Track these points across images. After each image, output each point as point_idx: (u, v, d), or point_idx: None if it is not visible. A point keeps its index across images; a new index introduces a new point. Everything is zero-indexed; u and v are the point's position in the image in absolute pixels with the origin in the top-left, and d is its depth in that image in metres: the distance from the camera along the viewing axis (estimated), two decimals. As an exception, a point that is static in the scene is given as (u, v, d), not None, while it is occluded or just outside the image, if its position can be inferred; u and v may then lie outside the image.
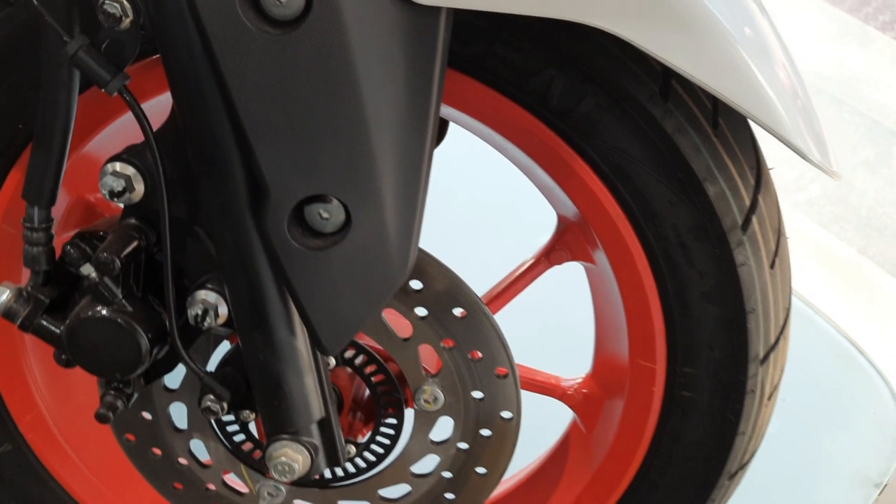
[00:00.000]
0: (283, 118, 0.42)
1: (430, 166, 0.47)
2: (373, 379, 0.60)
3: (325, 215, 0.46)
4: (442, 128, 0.72)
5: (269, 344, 0.51)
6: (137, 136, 0.48)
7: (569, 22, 0.44)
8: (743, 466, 0.65)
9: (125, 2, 0.42)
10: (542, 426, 0.73)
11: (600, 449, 0.67)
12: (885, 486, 1.00)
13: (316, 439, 0.55)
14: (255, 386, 0.53)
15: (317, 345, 0.51)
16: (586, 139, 0.53)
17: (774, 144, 0.58)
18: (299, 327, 0.51)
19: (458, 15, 0.44)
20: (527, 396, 0.71)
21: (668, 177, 0.52)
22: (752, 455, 0.65)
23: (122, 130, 0.55)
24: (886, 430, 1.04)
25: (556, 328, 0.84)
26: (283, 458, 0.53)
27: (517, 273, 0.65)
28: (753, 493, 0.98)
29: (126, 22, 0.42)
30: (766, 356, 0.59)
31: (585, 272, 0.64)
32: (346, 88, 0.42)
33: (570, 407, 0.69)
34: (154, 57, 0.51)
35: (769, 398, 0.62)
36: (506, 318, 0.64)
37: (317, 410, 0.54)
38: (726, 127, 0.53)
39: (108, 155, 0.53)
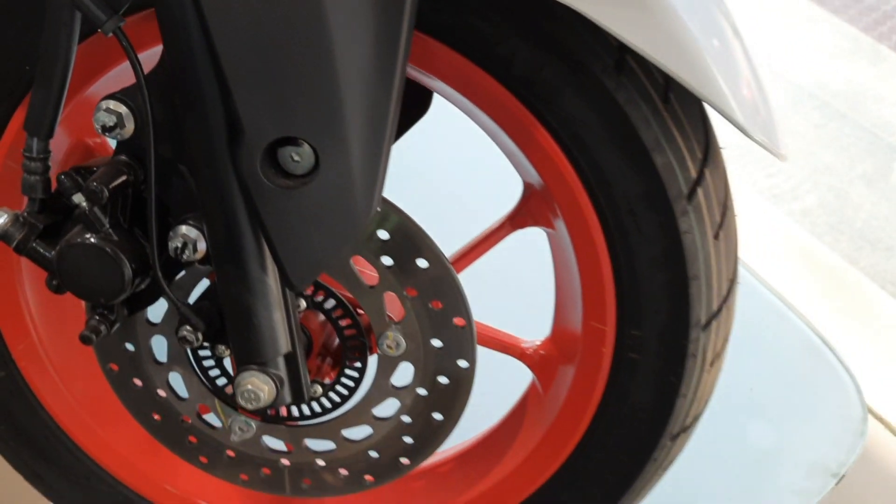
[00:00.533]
0: (260, 63, 0.47)
1: (396, 120, 0.51)
2: (340, 323, 0.64)
3: (296, 158, 0.50)
4: (426, 100, 0.77)
5: (241, 278, 0.55)
6: (133, 82, 0.53)
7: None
8: (685, 429, 0.68)
9: None
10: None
11: (554, 407, 0.71)
12: (843, 476, 1.03)
13: (282, 372, 0.59)
14: (227, 317, 0.57)
15: (285, 281, 0.55)
16: (546, 107, 0.57)
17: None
18: (270, 264, 0.55)
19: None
20: (494, 362, 0.76)
21: (619, 147, 0.56)
22: (696, 419, 0.69)
23: (119, 78, 0.60)
24: (849, 424, 1.07)
25: (521, 293, 0.88)
26: (250, 387, 0.58)
27: (482, 236, 0.69)
28: (717, 475, 1.03)
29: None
30: (709, 323, 0.62)
31: (547, 238, 0.68)
32: (319, 38, 0.46)
33: (529, 367, 0.73)
34: (151, 9, 0.55)
35: (711, 365, 0.65)
36: (473, 281, 0.68)
37: (284, 344, 0.58)
38: (677, 103, 0.57)
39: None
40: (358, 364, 0.65)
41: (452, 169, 1.16)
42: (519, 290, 0.91)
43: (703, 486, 1.01)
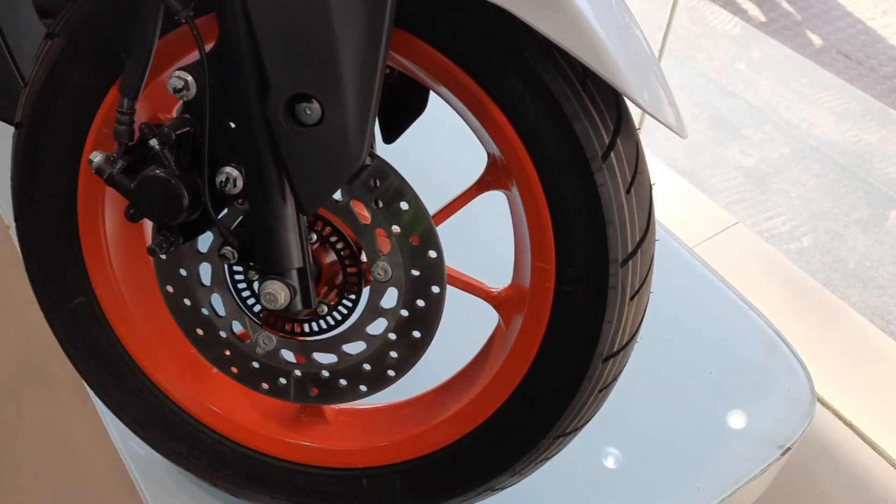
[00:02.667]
0: (284, 40, 0.67)
1: (381, 91, 0.71)
2: (343, 252, 0.84)
3: (308, 112, 0.70)
4: (422, 99, 0.97)
5: (266, 204, 0.75)
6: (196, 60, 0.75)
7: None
8: (614, 355, 0.84)
9: None
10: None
11: (512, 337, 0.88)
12: (789, 448, 1.17)
13: (295, 282, 0.79)
14: (255, 236, 0.77)
15: (298, 206, 0.75)
16: (497, 89, 0.75)
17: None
18: (288, 195, 0.75)
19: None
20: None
21: (549, 118, 0.74)
22: (622, 348, 0.85)
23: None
24: (797, 405, 1.21)
25: (489, 248, 1.07)
26: (271, 290, 0.77)
27: (455, 197, 0.88)
28: (675, 440, 1.17)
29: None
30: (626, 261, 0.79)
31: (506, 199, 0.87)
32: (325, 25, 0.67)
33: (494, 307, 0.91)
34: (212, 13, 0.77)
35: (631, 299, 0.81)
36: (449, 237, 0.87)
37: (296, 260, 0.78)
38: (593, 86, 0.75)
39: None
40: (355, 287, 0.84)
41: (434, 144, 1.36)
42: (487, 245, 1.09)
43: (663, 451, 1.15)
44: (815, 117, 2.79)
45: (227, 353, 0.90)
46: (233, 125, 0.75)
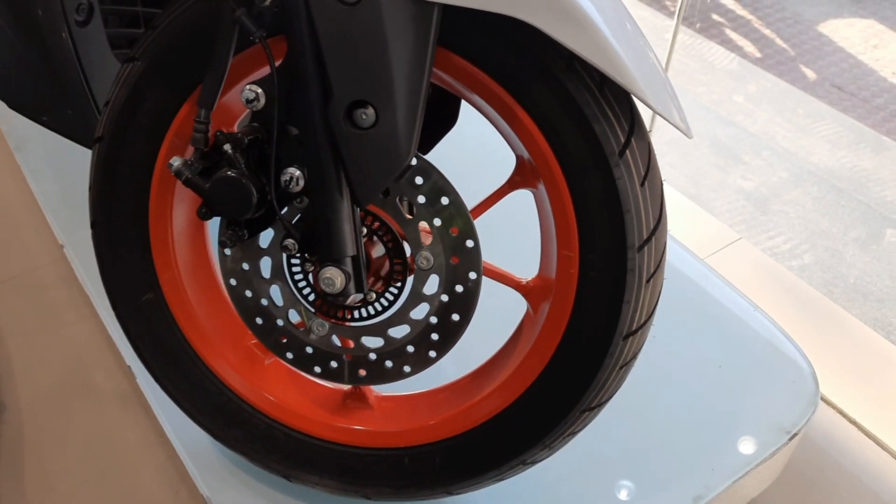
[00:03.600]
0: (346, 57, 0.79)
1: (426, 102, 0.82)
2: (390, 245, 0.94)
3: (364, 117, 0.81)
4: (454, 113, 1.08)
5: (325, 198, 0.86)
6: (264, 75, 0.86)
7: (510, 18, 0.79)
8: (633, 333, 0.93)
9: None
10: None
11: (541, 321, 0.97)
12: (795, 434, 1.25)
13: (349, 268, 0.89)
14: (315, 228, 0.87)
15: (353, 199, 0.86)
16: (525, 97, 0.86)
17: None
18: (344, 190, 0.86)
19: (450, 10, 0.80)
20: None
21: (571, 121, 0.85)
22: (641, 326, 0.94)
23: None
24: (802, 396, 1.30)
25: (518, 244, 1.17)
26: (329, 275, 0.87)
27: (487, 196, 0.99)
28: (690, 427, 1.25)
29: (268, 2, 0.80)
30: (642, 247, 0.89)
31: (533, 197, 0.97)
32: (381, 46, 0.78)
33: (524, 295, 1.00)
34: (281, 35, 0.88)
35: (647, 281, 0.91)
36: (482, 233, 0.97)
37: (351, 248, 0.88)
38: (609, 93, 0.86)
39: (240, 105, 0.91)
40: (400, 276, 0.95)
41: (465, 151, 1.47)
42: (514, 240, 1.19)
43: (679, 437, 1.24)
44: (811, 145, 2.91)
45: (284, 339, 1.00)
46: (296, 130, 0.86)
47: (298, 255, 0.92)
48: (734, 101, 3.20)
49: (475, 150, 1.52)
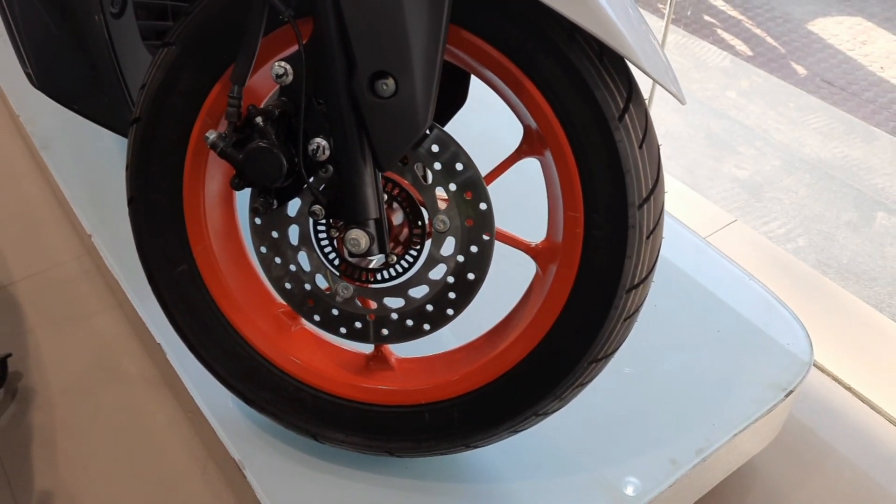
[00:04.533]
0: (369, 29, 0.86)
1: (441, 75, 0.90)
2: (408, 210, 1.01)
3: (385, 87, 0.89)
4: (464, 89, 1.16)
5: (350, 163, 0.93)
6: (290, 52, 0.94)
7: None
8: (636, 286, 1.00)
9: None
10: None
11: (549, 280, 1.04)
12: (791, 391, 1.32)
13: (372, 230, 0.96)
14: (341, 191, 0.95)
15: (376, 163, 0.93)
16: (531, 68, 0.93)
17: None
18: (367, 156, 0.93)
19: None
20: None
21: (574, 89, 0.93)
22: (642, 280, 1.01)
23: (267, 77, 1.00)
24: (797, 356, 1.37)
25: (530, 211, 1.24)
26: (354, 236, 0.95)
27: (497, 164, 1.06)
28: (691, 386, 1.32)
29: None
30: (641, 205, 0.96)
31: (540, 164, 1.05)
32: (399, 22, 0.86)
33: (532, 257, 1.08)
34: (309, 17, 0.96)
35: (647, 238, 0.98)
36: (494, 200, 1.04)
37: (374, 211, 0.95)
38: (609, 61, 0.93)
39: (265, 85, 0.99)
40: (419, 239, 1.02)
41: (480, 122, 1.56)
42: (525, 206, 1.27)
43: (682, 395, 1.31)
44: (803, 136, 2.99)
45: (312, 303, 1.07)
46: (322, 103, 0.93)
47: (325, 220, 0.99)
48: (727, 96, 3.29)
49: (487, 123, 1.59)
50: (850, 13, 4.12)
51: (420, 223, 1.02)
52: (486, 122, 1.57)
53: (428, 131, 0.96)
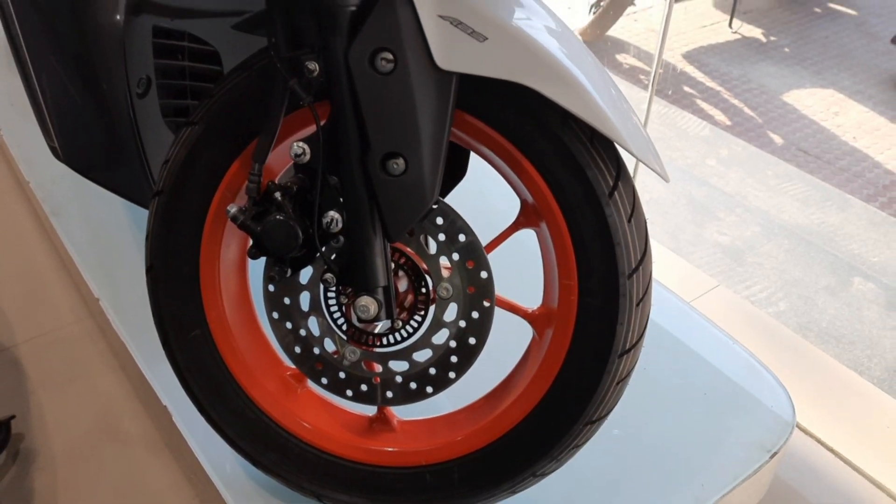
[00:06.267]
0: (383, 118, 0.94)
1: (447, 155, 0.98)
2: (414, 277, 1.08)
3: (396, 166, 0.96)
4: (464, 163, 1.24)
5: (361, 235, 1.00)
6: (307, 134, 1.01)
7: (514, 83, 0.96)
8: (627, 351, 1.07)
9: (315, 62, 0.96)
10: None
11: (546, 344, 1.10)
12: (776, 452, 1.38)
13: (381, 297, 1.02)
14: (352, 260, 1.01)
15: (385, 235, 1.00)
16: (528, 149, 1.02)
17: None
18: (377, 227, 1.00)
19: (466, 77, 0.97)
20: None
21: (567, 167, 1.00)
22: (633, 346, 1.07)
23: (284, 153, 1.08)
24: (780, 419, 1.43)
25: (526, 279, 1.31)
26: (363, 303, 1.01)
27: (496, 236, 1.13)
28: (679, 446, 1.38)
29: (316, 73, 0.96)
30: (631, 275, 1.03)
31: (536, 235, 1.12)
32: (410, 109, 0.94)
33: (529, 322, 1.14)
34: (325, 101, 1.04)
35: (637, 305, 1.05)
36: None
37: (382, 279, 1.02)
38: (599, 143, 1.02)
39: (279, 162, 1.07)
40: (423, 304, 1.08)
41: (480, 194, 1.63)
42: (521, 274, 1.34)
43: (671, 457, 1.36)
44: (781, 203, 3.11)
45: (320, 366, 1.13)
46: (335, 180, 1.00)
47: (335, 287, 1.05)
48: (707, 164, 3.42)
49: (485, 196, 1.67)
50: (823, 85, 4.31)
51: (424, 290, 1.08)
52: (486, 193, 1.65)
53: (433, 205, 1.03)
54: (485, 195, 1.67)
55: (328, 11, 0.92)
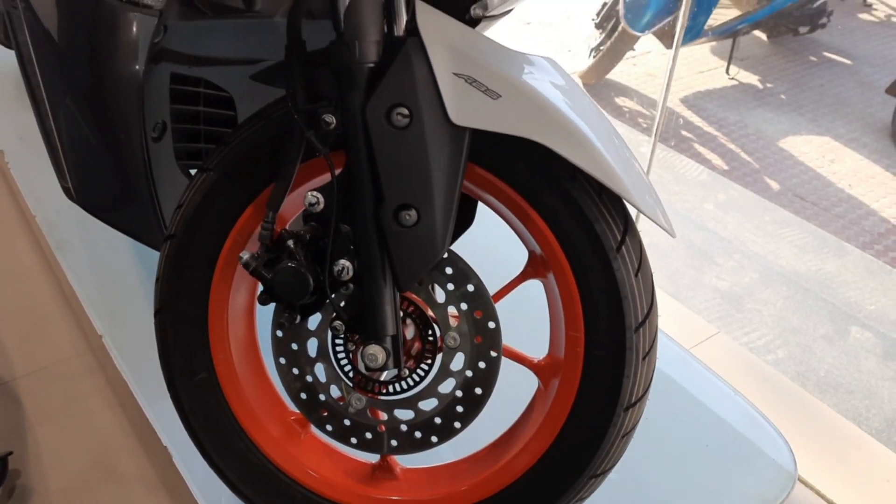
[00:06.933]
0: (396, 165, 0.96)
1: (458, 205, 0.99)
2: (422, 326, 1.09)
3: (408, 217, 0.98)
4: (472, 212, 1.25)
5: (373, 285, 1.01)
6: (320, 185, 1.03)
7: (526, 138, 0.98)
8: (633, 405, 1.07)
9: (332, 115, 0.97)
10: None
11: (551, 396, 1.11)
12: (777, 506, 1.38)
13: (389, 346, 1.03)
14: (362, 309, 1.02)
15: (396, 284, 1.01)
16: (538, 201, 1.03)
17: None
18: (388, 277, 1.01)
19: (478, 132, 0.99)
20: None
21: (576, 221, 1.02)
22: (639, 399, 1.08)
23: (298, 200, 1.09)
24: (782, 470, 1.43)
25: (532, 329, 1.31)
26: (372, 352, 1.02)
27: (503, 286, 1.14)
28: (678, 498, 1.37)
29: (332, 125, 0.98)
30: (638, 328, 1.04)
31: (543, 286, 1.13)
32: (424, 163, 0.95)
33: (535, 373, 1.15)
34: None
35: (643, 359, 1.06)
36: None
37: (391, 328, 1.03)
38: (607, 199, 1.03)
39: (295, 207, 1.08)
40: (430, 353, 1.09)
41: (488, 244, 1.65)
42: (526, 324, 1.34)
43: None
44: (778, 249, 3.13)
45: (325, 413, 1.13)
46: (347, 228, 1.02)
47: (344, 335, 1.06)
48: (705, 208, 3.45)
49: (493, 245, 1.68)
50: (819, 132, 4.37)
51: (432, 338, 1.09)
52: (494, 242, 1.67)
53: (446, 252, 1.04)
54: (492, 244, 1.68)
55: (347, 68, 0.94)
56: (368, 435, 1.12)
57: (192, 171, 1.34)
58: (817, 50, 5.42)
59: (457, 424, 1.10)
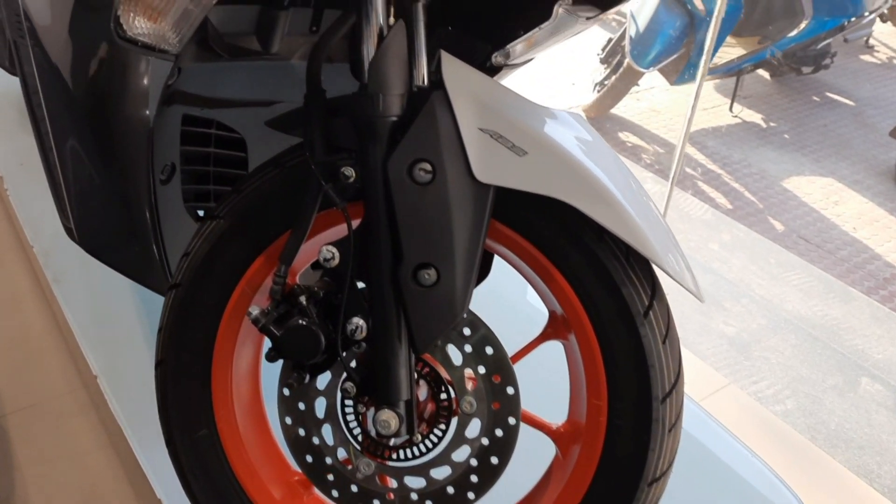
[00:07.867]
0: (416, 228, 0.91)
1: (479, 265, 0.95)
2: (436, 389, 1.03)
3: (427, 277, 0.93)
4: (488, 265, 1.21)
5: (387, 345, 0.96)
6: (336, 239, 0.98)
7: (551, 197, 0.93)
8: (657, 480, 1.02)
9: (352, 168, 0.93)
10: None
11: (570, 466, 1.06)
12: (797, 576, 1.32)
13: (403, 412, 0.98)
14: (375, 371, 0.97)
15: (412, 346, 0.96)
16: (562, 262, 0.99)
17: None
18: (404, 338, 0.96)
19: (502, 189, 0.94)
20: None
21: (602, 284, 0.98)
22: (663, 473, 1.03)
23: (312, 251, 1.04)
24: (800, 539, 1.38)
25: (551, 392, 1.26)
26: (385, 418, 0.96)
27: (522, 347, 1.09)
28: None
29: (352, 178, 0.93)
30: (665, 399, 0.99)
31: (563, 347, 1.08)
32: (446, 220, 0.91)
33: (553, 440, 1.09)
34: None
35: (669, 431, 1.01)
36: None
37: (406, 393, 0.98)
38: (635, 262, 0.99)
39: (307, 257, 1.03)
40: (445, 418, 1.03)
41: (506, 301, 1.60)
42: (545, 385, 1.29)
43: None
44: (784, 293, 3.09)
45: (331, 477, 1.07)
46: (362, 285, 0.97)
47: (354, 397, 1.01)
48: (710, 248, 3.41)
49: (512, 303, 1.64)
50: (822, 174, 4.35)
51: (447, 402, 1.04)
52: (513, 300, 1.62)
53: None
54: (511, 301, 1.64)
55: (369, 121, 0.89)
56: (376, 503, 1.07)
57: (200, 213, 1.29)
58: (820, 90, 5.43)
59: (470, 495, 1.04)
